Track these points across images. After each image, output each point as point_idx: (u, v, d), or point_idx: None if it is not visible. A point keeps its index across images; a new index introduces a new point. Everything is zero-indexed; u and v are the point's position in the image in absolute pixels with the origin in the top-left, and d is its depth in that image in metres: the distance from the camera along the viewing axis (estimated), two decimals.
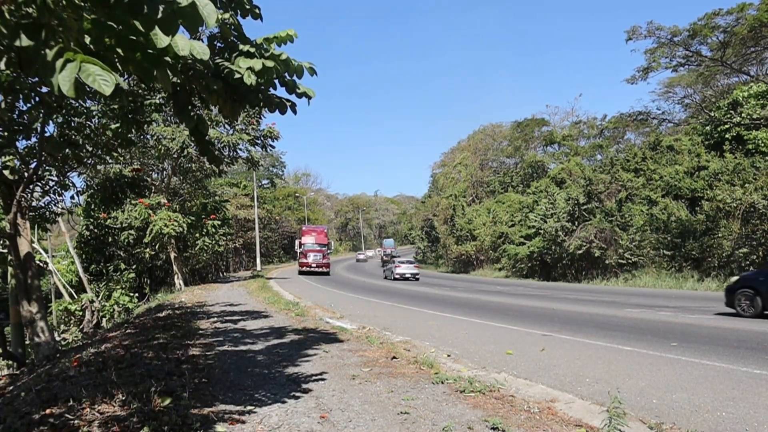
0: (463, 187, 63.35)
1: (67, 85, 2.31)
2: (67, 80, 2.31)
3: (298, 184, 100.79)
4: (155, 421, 4.06)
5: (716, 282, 24.52)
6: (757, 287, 13.12)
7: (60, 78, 2.31)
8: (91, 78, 2.32)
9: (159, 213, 22.57)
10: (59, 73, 2.32)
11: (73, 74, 2.31)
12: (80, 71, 2.33)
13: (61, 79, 2.31)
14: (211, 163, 4.52)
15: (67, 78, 2.31)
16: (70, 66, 2.32)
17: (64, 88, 2.31)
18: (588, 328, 10.80)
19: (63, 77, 2.31)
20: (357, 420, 4.30)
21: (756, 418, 4.61)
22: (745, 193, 24.19)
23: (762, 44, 29.94)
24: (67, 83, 2.31)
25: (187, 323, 10.93)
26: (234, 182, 57.89)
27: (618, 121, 49.08)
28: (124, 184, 16.69)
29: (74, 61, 2.33)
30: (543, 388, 5.51)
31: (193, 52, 2.93)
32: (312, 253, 42.06)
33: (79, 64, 2.33)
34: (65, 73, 2.32)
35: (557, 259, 35.00)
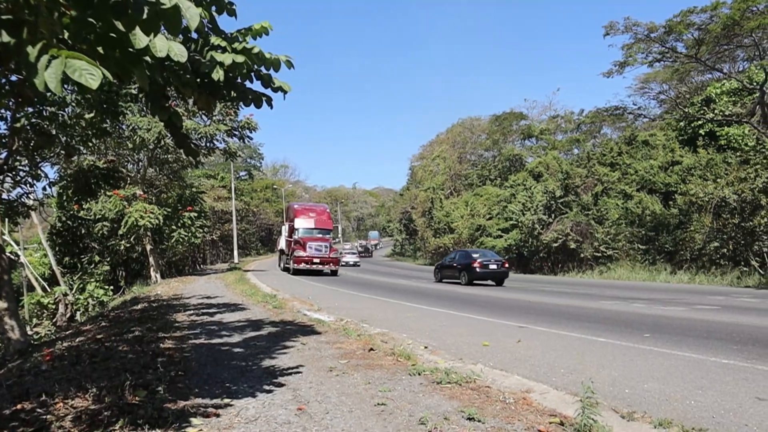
0: (442, 180, 63.61)
1: (54, 83, 2.27)
2: (54, 77, 2.27)
3: (276, 176, 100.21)
4: (130, 414, 4.02)
5: (688, 275, 25.06)
6: (458, 265, 23.80)
7: (47, 75, 2.27)
8: (77, 73, 2.29)
9: (134, 205, 22.24)
10: (45, 70, 2.28)
11: (59, 71, 2.28)
12: (66, 67, 2.29)
13: (48, 76, 2.27)
14: (187, 156, 4.48)
15: (54, 75, 2.28)
16: (56, 63, 2.29)
17: (51, 85, 2.27)
18: (563, 319, 10.96)
19: (49, 74, 2.28)
20: (334, 412, 4.32)
21: (723, 405, 4.73)
22: (716, 188, 24.70)
23: (734, 42, 30.54)
24: (54, 80, 2.27)
25: (164, 316, 10.82)
26: (211, 174, 57.30)
27: (595, 116, 49.70)
28: (98, 175, 16.43)
29: (59, 57, 2.30)
30: (518, 379, 5.58)
31: (171, 53, 2.91)
32: (313, 243, 29.16)
33: (65, 60, 2.29)
34: (51, 71, 2.28)
35: (534, 252, 35.40)
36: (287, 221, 33.18)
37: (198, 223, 26.82)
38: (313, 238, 29.71)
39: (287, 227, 31.89)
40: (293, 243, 30.24)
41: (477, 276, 22.80)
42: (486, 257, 23.43)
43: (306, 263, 28.44)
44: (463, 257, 24.16)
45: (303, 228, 30.62)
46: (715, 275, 23.88)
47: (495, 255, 25.07)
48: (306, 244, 28.93)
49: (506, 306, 14.03)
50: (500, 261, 23.42)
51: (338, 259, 30.78)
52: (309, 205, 35.11)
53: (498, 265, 22.85)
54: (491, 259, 23.07)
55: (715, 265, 24.43)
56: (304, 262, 28.43)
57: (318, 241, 29.57)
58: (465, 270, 23.05)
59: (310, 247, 28.79)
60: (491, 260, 22.95)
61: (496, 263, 22.92)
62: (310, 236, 29.95)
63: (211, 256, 55.34)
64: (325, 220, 32.01)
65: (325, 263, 29.02)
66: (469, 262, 22.98)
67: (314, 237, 29.97)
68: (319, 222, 31.43)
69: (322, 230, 31.15)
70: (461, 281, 23.27)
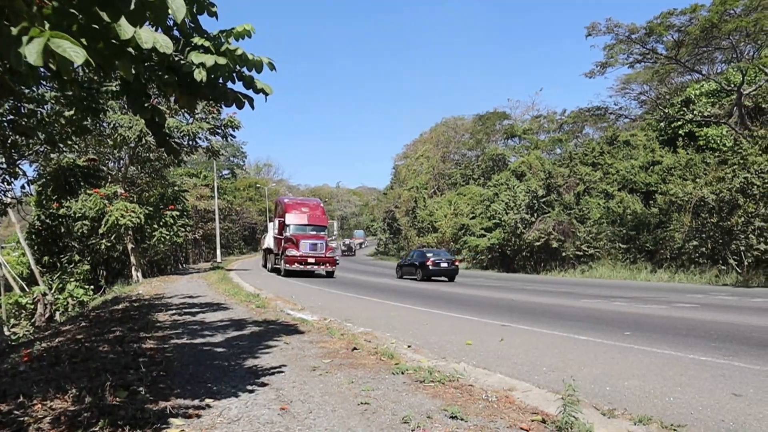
0: (425, 179, 63.83)
1: (34, 56, 2.22)
2: (35, 51, 2.22)
3: (260, 174, 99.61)
4: (110, 415, 3.98)
5: (668, 273, 25.39)
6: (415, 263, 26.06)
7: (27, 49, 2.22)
8: (60, 49, 2.25)
9: (115, 203, 21.99)
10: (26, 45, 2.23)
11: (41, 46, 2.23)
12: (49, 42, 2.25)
13: (29, 50, 2.22)
14: (169, 155, 4.44)
15: (35, 49, 2.22)
16: (38, 40, 2.24)
17: (31, 59, 2.22)
18: (545, 318, 11.05)
19: (30, 49, 2.23)
20: (317, 411, 4.32)
21: (700, 402, 4.81)
22: (695, 188, 25.07)
23: (713, 44, 31.02)
24: (35, 54, 2.22)
25: (145, 316, 10.71)
26: (194, 172, 56.81)
27: (577, 116, 50.19)
28: (78, 173, 16.17)
29: (41, 36, 2.25)
30: (501, 378, 5.62)
31: (157, 45, 2.87)
32: (306, 241, 26.38)
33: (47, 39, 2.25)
34: (32, 46, 2.23)
35: (517, 251, 35.61)
36: (276, 217, 30.15)
37: (180, 222, 26.58)
38: (307, 236, 26.98)
39: (276, 224, 28.65)
40: (284, 241, 27.31)
41: (430, 273, 25.02)
42: (438, 256, 25.88)
43: (299, 263, 25.86)
44: (419, 256, 26.55)
45: (295, 224, 27.71)
46: (694, 274, 24.23)
47: (447, 254, 27.34)
48: (299, 242, 26.13)
49: (489, 305, 14.11)
50: (451, 260, 25.90)
51: (335, 259, 27.80)
52: (301, 200, 31.68)
53: (449, 264, 25.26)
54: (443, 258, 25.65)
55: (694, 264, 24.79)
56: (296, 262, 25.82)
57: (312, 238, 26.82)
58: (420, 267, 25.46)
59: (303, 246, 26.05)
60: (443, 259, 25.54)
61: (447, 262, 25.35)
62: (303, 233, 27.16)
63: (193, 256, 54.89)
64: (319, 216, 29.02)
65: (320, 263, 26.54)
66: (423, 260, 25.44)
67: (308, 234, 27.21)
68: (312, 218, 28.54)
69: (316, 227, 28.32)
70: (417, 277, 25.62)
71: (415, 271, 26.02)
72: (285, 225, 27.64)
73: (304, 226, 27.79)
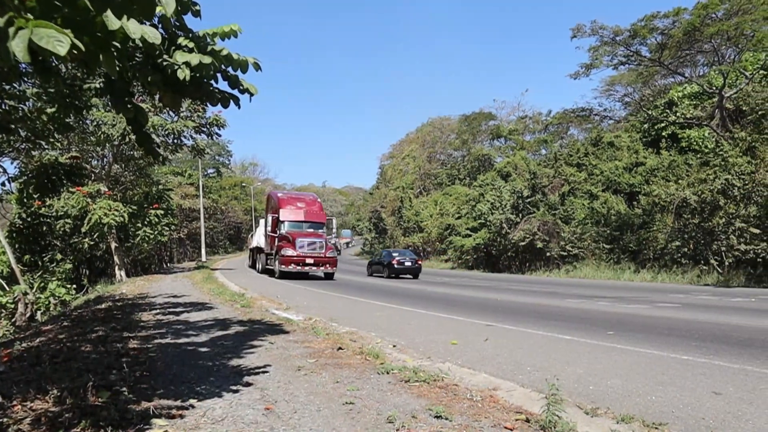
0: (411, 179, 64.00)
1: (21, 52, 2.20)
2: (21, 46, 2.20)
3: (245, 173, 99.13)
4: (92, 416, 3.94)
5: (651, 273, 25.68)
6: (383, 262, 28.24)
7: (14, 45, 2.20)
8: (44, 40, 2.22)
9: (98, 202, 21.76)
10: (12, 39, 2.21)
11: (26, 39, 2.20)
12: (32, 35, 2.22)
13: (15, 45, 2.20)
14: (147, 155, 4.40)
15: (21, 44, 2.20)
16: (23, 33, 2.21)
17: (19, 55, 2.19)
18: (530, 318, 11.12)
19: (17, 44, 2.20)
20: (302, 411, 4.31)
21: (682, 400, 4.88)
22: (678, 189, 25.38)
23: (695, 47, 31.44)
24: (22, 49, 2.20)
25: (128, 315, 10.62)
26: (179, 171, 56.30)
27: (562, 117, 50.61)
28: (60, 171, 15.97)
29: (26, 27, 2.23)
30: (486, 377, 5.64)
31: (145, 35, 2.84)
32: (304, 239, 24.19)
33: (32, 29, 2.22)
34: (18, 40, 2.20)
35: (502, 251, 35.80)
36: (268, 212, 27.76)
37: (165, 221, 26.39)
38: (304, 233, 24.77)
39: (270, 220, 26.14)
40: (278, 239, 25.03)
41: (395, 271, 27.49)
42: (403, 256, 28.52)
43: (296, 264, 23.62)
44: (386, 256, 28.92)
45: (290, 221, 25.46)
46: (677, 274, 24.53)
47: (411, 254, 29.70)
48: (296, 241, 23.90)
49: (475, 305, 14.18)
50: (414, 259, 28.41)
51: (336, 259, 25.57)
52: (296, 194, 29.27)
53: (412, 263, 27.92)
54: (407, 258, 28.28)
55: (677, 264, 25.10)
56: (293, 263, 23.56)
57: (310, 236, 24.63)
58: (387, 266, 27.79)
59: (301, 245, 23.89)
60: (407, 258, 28.18)
61: (411, 261, 28.02)
62: (300, 231, 24.95)
63: (178, 255, 54.47)
64: (316, 212, 26.67)
65: (319, 264, 24.25)
66: (390, 260, 27.94)
67: (305, 232, 25.02)
68: (309, 214, 26.19)
69: (314, 223, 26.02)
70: (384, 275, 27.85)
71: (382, 269, 28.37)
72: (279, 221, 25.37)
73: (301, 222, 25.66)
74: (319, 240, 24.54)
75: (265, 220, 27.98)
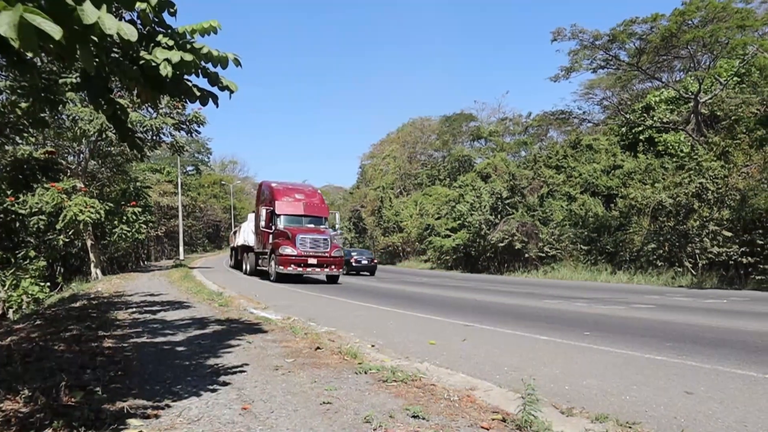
0: (392, 179, 64.09)
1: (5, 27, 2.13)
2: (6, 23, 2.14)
3: (225, 171, 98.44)
4: (65, 417, 3.87)
5: (627, 275, 26.07)
6: None
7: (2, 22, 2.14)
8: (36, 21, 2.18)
9: (74, 198, 21.42)
10: None
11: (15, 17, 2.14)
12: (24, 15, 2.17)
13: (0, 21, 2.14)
14: (132, 149, 4.34)
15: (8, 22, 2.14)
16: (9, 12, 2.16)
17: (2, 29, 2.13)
18: (508, 318, 11.21)
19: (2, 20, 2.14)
20: (279, 411, 4.29)
21: (655, 400, 4.96)
22: (654, 192, 25.82)
23: (672, 53, 32.00)
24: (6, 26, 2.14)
25: (104, 314, 10.47)
26: (157, 168, 55.80)
27: (542, 119, 51.13)
28: (35, 166, 15.71)
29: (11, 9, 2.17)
30: (463, 377, 5.67)
31: (121, 32, 2.78)
32: (306, 236, 21.17)
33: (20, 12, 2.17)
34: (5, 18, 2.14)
35: (481, 252, 36.03)
36: (261, 205, 24.45)
37: (142, 218, 26.07)
38: (304, 229, 21.75)
39: (263, 214, 22.79)
40: (273, 236, 22.13)
41: (353, 268, 30.54)
42: (361, 255, 31.92)
43: (296, 265, 20.66)
44: (346, 254, 29.46)
45: (287, 215, 22.51)
46: (652, 275, 24.93)
47: (369, 253, 33.41)
48: (296, 238, 20.82)
49: (453, 305, 14.24)
50: (371, 258, 32.00)
51: (342, 260, 22.67)
52: (293, 185, 25.56)
53: (368, 261, 31.34)
54: (364, 257, 31.78)
55: (652, 266, 25.51)
56: (293, 264, 20.60)
57: (312, 232, 21.61)
58: (346, 264, 28.50)
59: (302, 242, 20.86)
60: (364, 257, 31.73)
61: (367, 259, 31.49)
62: (299, 226, 22.07)
63: (155, 253, 53.91)
64: (317, 205, 23.69)
65: (323, 265, 21.26)
66: (349, 258, 30.01)
67: (305, 228, 22.03)
68: (310, 207, 23.21)
69: (315, 218, 23.10)
70: (343, 272, 27.07)
71: None
72: (275, 215, 22.45)
73: (300, 216, 22.76)
74: (322, 237, 21.61)
75: (256, 215, 25.37)
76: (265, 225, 22.64)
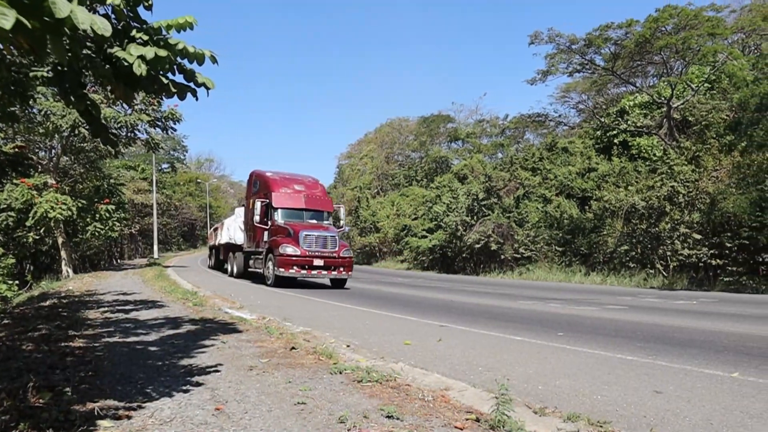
0: (369, 179, 64.09)
1: None
2: None
3: (201, 169, 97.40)
4: (32, 418, 3.80)
5: (601, 276, 26.45)
6: None
7: None
8: None
9: (45, 195, 20.99)
10: None
11: None
12: None
13: None
14: (105, 145, 4.27)
15: None
16: None
17: None
18: (483, 319, 11.29)
19: None
20: (253, 411, 4.27)
21: (625, 399, 5.05)
22: (627, 195, 26.23)
23: (646, 59, 32.61)
24: None
25: (75, 313, 10.29)
26: (131, 165, 54.97)
27: (518, 122, 51.61)
28: (4, 161, 15.32)
29: None
30: (438, 377, 5.70)
31: (94, 26, 2.71)
32: (311, 233, 18.37)
33: None
34: None
35: (457, 253, 36.21)
36: (252, 197, 21.37)
37: (116, 216, 25.66)
38: (307, 225, 18.99)
39: (258, 207, 19.54)
40: (270, 233, 19.30)
41: None
42: None
43: (299, 266, 17.92)
44: None
45: (287, 208, 19.59)
46: (625, 277, 25.32)
47: None
48: (299, 235, 18.06)
49: (429, 305, 14.29)
50: None
51: (352, 261, 19.73)
52: (291, 174, 21.90)
53: None
54: None
55: (625, 268, 25.91)
56: (296, 266, 17.84)
57: (316, 229, 18.82)
58: None
59: (306, 240, 18.10)
60: None
61: None
62: (300, 222, 19.29)
63: (129, 251, 53.11)
64: (320, 197, 20.77)
65: (331, 267, 18.52)
66: None
67: (307, 224, 19.29)
68: (312, 200, 20.27)
69: (318, 212, 20.21)
70: None
71: None
72: (271, 208, 19.52)
73: (301, 211, 19.84)
74: (330, 234, 18.80)
75: (247, 208, 22.48)
76: (259, 220, 19.58)
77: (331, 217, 21.12)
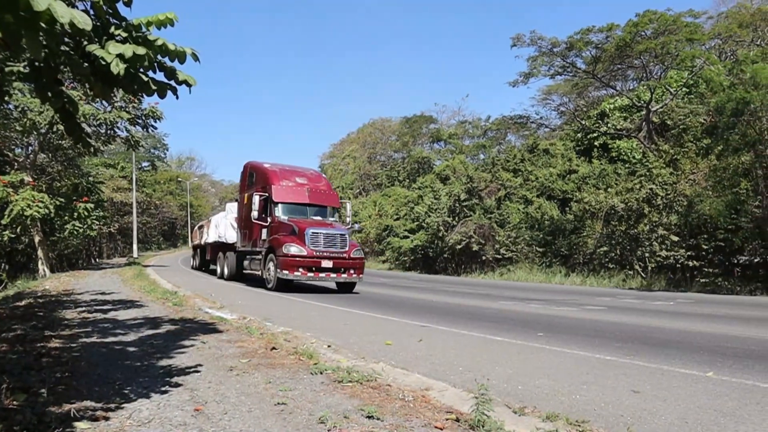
0: (351, 180, 63.99)
1: None
2: None
3: (182, 168, 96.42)
4: (5, 420, 3.72)
5: (581, 277, 26.73)
6: None
7: None
8: None
9: (21, 192, 20.63)
10: None
11: None
12: None
13: None
14: (77, 144, 4.20)
15: None
16: None
17: None
18: (464, 319, 11.33)
19: None
20: (233, 412, 4.24)
21: (604, 399, 5.11)
22: (607, 197, 26.55)
23: (626, 63, 33.04)
24: None
25: (51, 313, 10.13)
26: (111, 163, 54.27)
27: (500, 123, 51.86)
28: None
29: None
30: (418, 377, 5.71)
31: (74, 21, 2.66)
32: (319, 231, 16.51)
33: None
34: None
35: (439, 253, 36.31)
36: (248, 191, 19.80)
37: (94, 214, 25.31)
38: (313, 222, 17.24)
39: (257, 202, 17.60)
40: (271, 230, 17.50)
41: None
42: None
43: (305, 268, 16.05)
44: None
45: (289, 203, 17.79)
46: (604, 278, 25.63)
47: None
48: (304, 233, 16.21)
49: (410, 306, 14.31)
50: None
51: (363, 262, 17.91)
52: (291, 167, 19.97)
53: None
54: None
55: (604, 269, 26.23)
56: (302, 267, 15.99)
57: (325, 226, 17.09)
58: None
59: (313, 239, 16.28)
60: None
61: None
62: (304, 219, 17.47)
63: (108, 250, 52.43)
64: (324, 192, 19.05)
65: (341, 269, 16.68)
66: None
67: (312, 221, 17.51)
68: (316, 194, 18.54)
69: (322, 208, 18.52)
70: None
71: None
72: (271, 203, 17.65)
73: (305, 206, 18.07)
74: (339, 232, 17.00)
75: (240, 204, 20.76)
76: (258, 216, 17.62)
77: (336, 213, 19.64)
